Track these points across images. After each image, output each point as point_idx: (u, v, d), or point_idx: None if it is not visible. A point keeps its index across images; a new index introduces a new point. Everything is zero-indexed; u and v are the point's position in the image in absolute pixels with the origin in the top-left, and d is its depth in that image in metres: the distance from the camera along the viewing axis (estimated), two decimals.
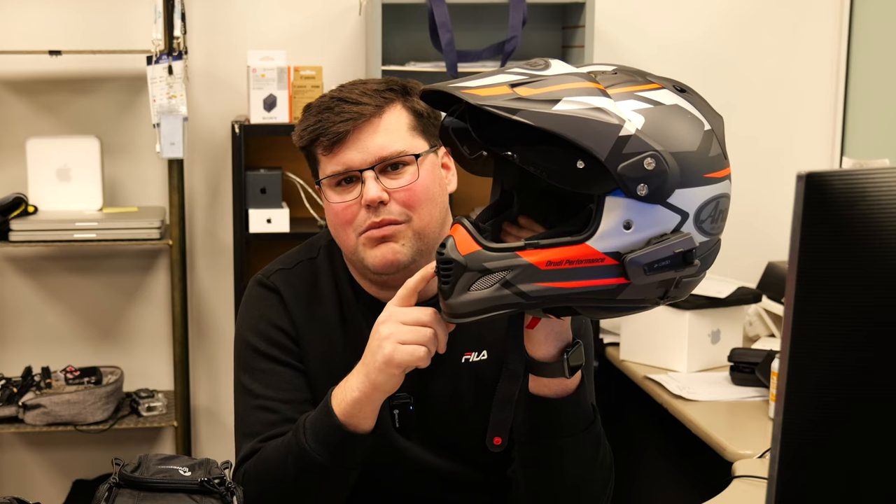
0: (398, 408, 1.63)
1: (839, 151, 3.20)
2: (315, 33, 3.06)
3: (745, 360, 2.37)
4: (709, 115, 1.28)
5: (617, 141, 1.19)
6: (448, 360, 1.63)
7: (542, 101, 1.21)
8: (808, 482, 0.99)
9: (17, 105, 3.02)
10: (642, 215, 1.22)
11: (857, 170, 0.94)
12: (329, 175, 1.56)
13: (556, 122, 1.19)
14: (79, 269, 3.12)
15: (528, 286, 1.26)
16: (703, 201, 1.25)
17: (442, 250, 1.30)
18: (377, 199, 1.53)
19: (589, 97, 1.22)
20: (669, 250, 1.23)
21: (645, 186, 1.21)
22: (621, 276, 1.24)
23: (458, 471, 1.66)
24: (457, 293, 1.29)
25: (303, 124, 1.58)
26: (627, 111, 1.22)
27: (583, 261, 1.24)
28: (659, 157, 1.21)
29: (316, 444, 1.48)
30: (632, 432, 2.75)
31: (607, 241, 1.23)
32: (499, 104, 1.21)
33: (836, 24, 3.18)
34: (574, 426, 1.49)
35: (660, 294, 1.28)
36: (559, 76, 1.26)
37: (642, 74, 1.30)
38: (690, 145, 1.24)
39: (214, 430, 3.23)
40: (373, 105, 1.55)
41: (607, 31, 3.10)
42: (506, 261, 1.26)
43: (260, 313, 1.66)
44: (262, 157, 2.96)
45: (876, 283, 0.96)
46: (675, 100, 1.26)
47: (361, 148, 1.54)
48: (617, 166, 1.19)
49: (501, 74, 1.28)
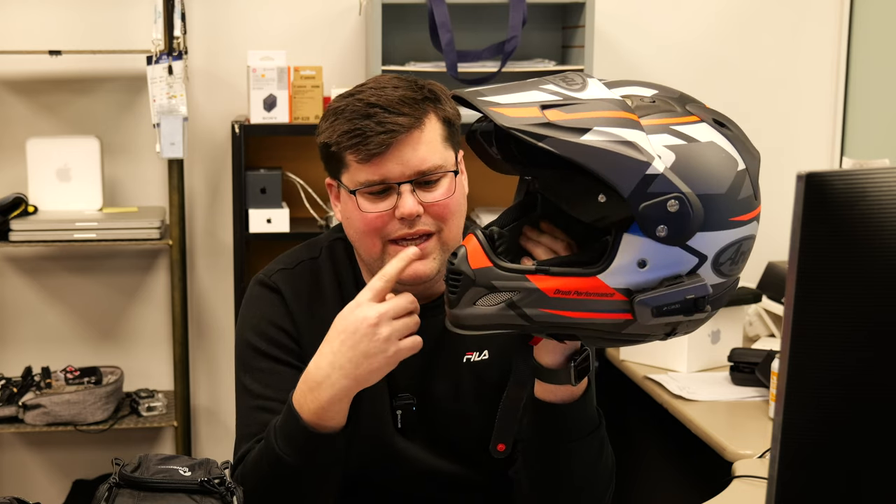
0: (401, 408, 1.63)
1: (839, 151, 3.20)
2: (315, 33, 3.06)
3: (745, 360, 2.37)
4: (745, 153, 1.25)
5: (643, 179, 1.17)
6: (450, 360, 1.63)
7: (570, 130, 1.18)
8: (808, 482, 0.99)
9: (17, 105, 3.02)
10: (658, 255, 1.20)
11: (857, 170, 0.94)
12: (363, 183, 1.52)
13: (583, 153, 1.17)
14: (79, 269, 3.12)
15: (534, 311, 1.25)
16: (725, 245, 1.23)
17: (453, 260, 1.29)
18: (415, 212, 1.50)
19: (620, 129, 1.19)
20: (681, 295, 1.22)
21: (665, 228, 1.18)
22: (629, 313, 1.23)
23: (460, 471, 1.66)
24: (462, 305, 1.28)
25: (337, 128, 1.52)
26: (658, 146, 1.19)
27: (592, 293, 1.23)
28: (684, 199, 1.18)
29: (287, 447, 1.48)
30: (632, 432, 2.75)
31: (620, 277, 1.21)
32: (526, 128, 1.18)
33: (836, 24, 3.18)
34: (579, 431, 1.49)
35: (666, 332, 1.28)
36: (594, 101, 1.22)
37: (682, 102, 1.26)
38: (719, 187, 1.21)
39: (214, 430, 3.23)
40: (413, 117, 1.50)
41: (607, 31, 3.10)
42: (514, 282, 1.25)
43: (261, 313, 1.65)
44: (262, 157, 2.96)
45: (876, 283, 0.96)
46: (712, 136, 1.23)
47: (401, 161, 1.50)
48: (639, 205, 1.17)
49: (535, 91, 1.24)
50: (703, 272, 1.23)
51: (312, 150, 1.64)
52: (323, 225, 2.87)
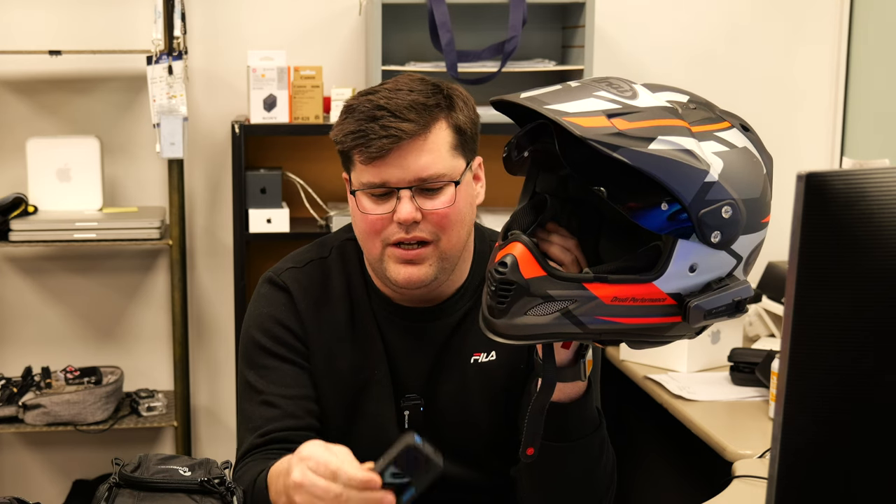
0: (408, 409, 1.63)
1: (839, 151, 3.20)
2: (315, 33, 3.06)
3: (745, 360, 2.37)
4: (764, 156, 1.29)
5: (702, 186, 1.20)
6: (457, 361, 1.63)
7: (638, 139, 1.19)
8: (808, 482, 0.99)
9: (17, 105, 3.02)
10: (708, 260, 1.23)
11: (857, 170, 0.94)
12: (365, 184, 1.53)
13: (652, 163, 1.19)
14: (79, 269, 3.12)
15: (589, 318, 1.25)
16: (755, 245, 1.27)
17: (503, 270, 1.26)
18: (411, 219, 1.51)
19: (679, 137, 1.21)
20: (729, 297, 1.25)
21: (719, 234, 1.22)
22: (678, 315, 1.25)
23: (467, 472, 1.65)
24: (511, 315, 1.26)
25: (344, 127, 1.53)
26: (709, 154, 1.22)
27: (647, 300, 1.24)
28: (735, 205, 1.22)
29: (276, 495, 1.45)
30: (632, 432, 2.75)
31: (673, 282, 1.24)
32: (600, 138, 1.19)
33: (836, 24, 3.18)
34: (581, 430, 1.50)
35: (698, 331, 1.31)
36: (650, 110, 1.24)
37: (711, 108, 1.30)
38: (755, 191, 1.25)
39: (214, 430, 3.23)
40: (419, 123, 1.50)
41: (607, 31, 3.10)
42: (572, 291, 1.25)
43: (268, 311, 1.65)
44: (262, 157, 2.96)
45: (876, 283, 0.96)
46: (744, 141, 1.27)
47: (402, 166, 1.50)
48: (699, 212, 1.20)
49: (592, 98, 1.24)
50: (738, 273, 1.27)
51: (313, 150, 1.65)
52: (323, 225, 2.87)
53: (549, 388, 1.40)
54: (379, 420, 1.63)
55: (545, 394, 1.40)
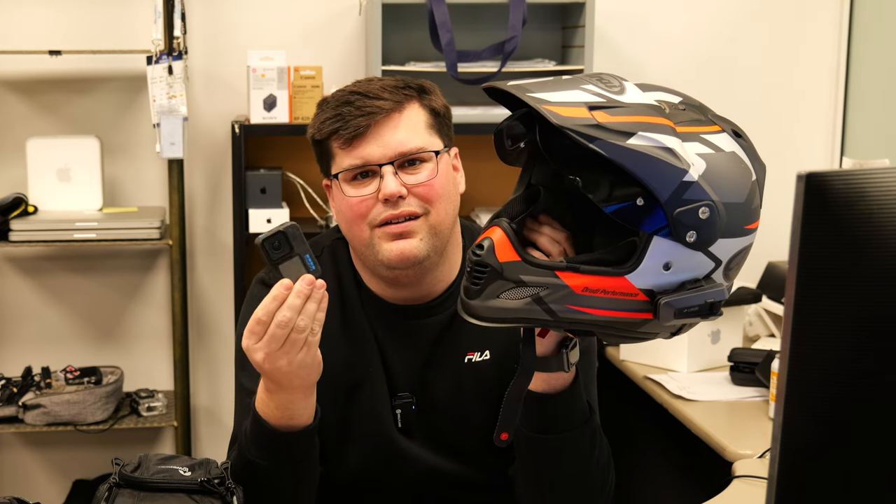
0: (401, 408, 1.63)
1: (839, 151, 3.20)
2: (315, 33, 3.06)
3: (745, 360, 2.37)
4: (756, 164, 1.29)
5: (679, 185, 1.20)
6: (450, 360, 1.64)
7: (618, 133, 1.20)
8: (808, 482, 0.99)
9: (17, 105, 3.02)
10: (683, 259, 1.24)
11: (857, 170, 0.94)
12: (346, 168, 1.55)
13: (629, 157, 1.19)
14: (79, 269, 3.12)
15: (560, 307, 1.26)
16: (737, 251, 1.28)
17: (479, 252, 1.28)
18: (396, 193, 1.52)
19: (661, 135, 1.22)
20: (702, 298, 1.26)
21: (695, 234, 1.22)
22: (649, 312, 1.26)
23: (460, 471, 1.66)
24: (484, 297, 1.28)
25: (320, 117, 1.58)
26: (692, 154, 1.23)
27: (618, 293, 1.25)
28: (713, 207, 1.22)
29: (257, 450, 1.49)
30: (632, 432, 2.75)
31: (645, 278, 1.24)
32: (578, 128, 1.20)
33: (836, 24, 3.18)
34: (570, 422, 1.50)
35: (673, 331, 1.32)
36: (635, 105, 1.25)
37: (703, 111, 1.30)
38: (740, 196, 1.25)
39: (214, 430, 3.23)
40: (393, 101, 1.54)
41: (607, 31, 3.10)
42: (543, 278, 1.26)
43: None
44: (262, 157, 2.96)
45: (876, 283, 0.96)
46: (733, 146, 1.27)
47: (381, 143, 1.53)
48: (674, 210, 1.21)
49: (577, 90, 1.26)
50: (716, 276, 1.27)
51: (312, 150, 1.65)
52: (323, 225, 2.87)
53: (528, 373, 1.41)
54: (372, 418, 1.64)
55: (523, 380, 1.41)
